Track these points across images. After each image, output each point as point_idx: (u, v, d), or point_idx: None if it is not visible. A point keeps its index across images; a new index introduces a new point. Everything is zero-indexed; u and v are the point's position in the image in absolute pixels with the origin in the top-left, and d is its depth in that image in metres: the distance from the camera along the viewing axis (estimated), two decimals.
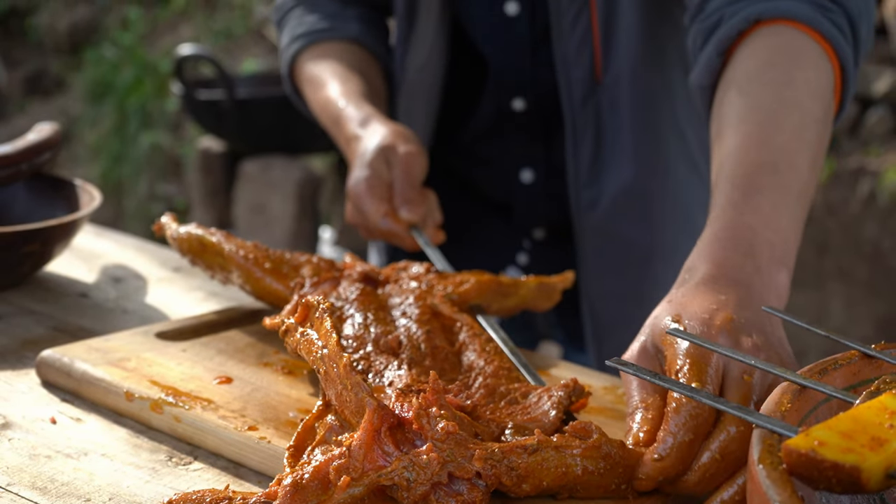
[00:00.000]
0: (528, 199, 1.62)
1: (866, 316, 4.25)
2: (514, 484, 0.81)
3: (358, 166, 1.40)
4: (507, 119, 1.60)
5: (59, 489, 0.89)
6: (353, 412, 0.86)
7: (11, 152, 1.41)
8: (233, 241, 1.20)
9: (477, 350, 1.05)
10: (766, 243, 1.01)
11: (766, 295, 0.98)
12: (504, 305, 1.21)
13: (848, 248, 4.26)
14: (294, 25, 1.65)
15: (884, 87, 4.34)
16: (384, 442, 0.81)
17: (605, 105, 1.50)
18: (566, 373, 1.15)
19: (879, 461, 0.64)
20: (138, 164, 5.72)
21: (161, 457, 0.95)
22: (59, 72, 6.66)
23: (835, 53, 1.18)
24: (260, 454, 0.93)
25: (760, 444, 0.69)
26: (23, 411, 1.02)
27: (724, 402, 0.77)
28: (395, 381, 0.95)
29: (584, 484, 0.83)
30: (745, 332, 0.91)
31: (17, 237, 1.26)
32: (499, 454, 0.81)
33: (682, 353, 0.88)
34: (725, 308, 0.92)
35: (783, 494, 0.63)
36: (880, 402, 0.70)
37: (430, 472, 0.79)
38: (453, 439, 0.81)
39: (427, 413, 0.82)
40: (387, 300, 1.14)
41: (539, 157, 1.60)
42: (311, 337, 0.93)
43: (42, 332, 1.22)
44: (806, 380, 0.77)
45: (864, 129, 4.37)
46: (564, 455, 0.82)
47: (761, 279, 0.98)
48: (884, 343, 0.84)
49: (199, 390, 1.02)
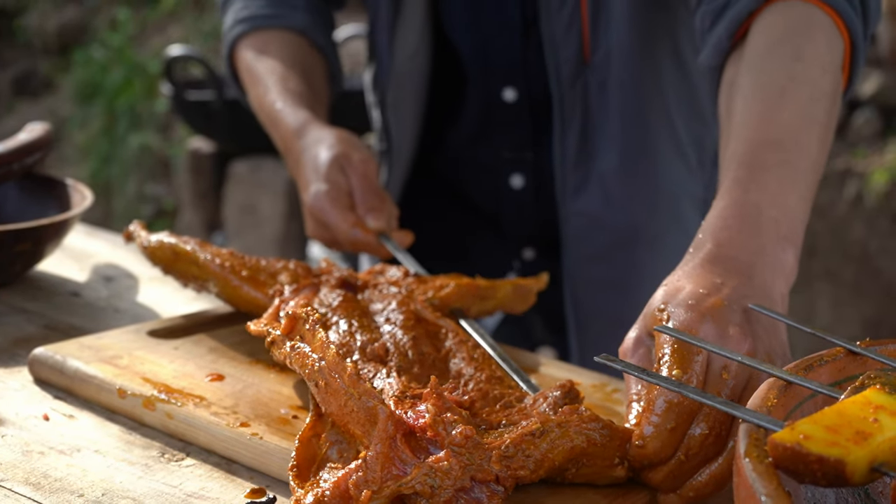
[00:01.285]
0: (517, 207, 1.60)
1: (853, 316, 4.26)
2: (531, 473, 0.82)
3: (313, 180, 1.37)
4: (497, 114, 1.57)
5: (53, 485, 0.89)
6: (359, 423, 0.84)
7: (3, 152, 1.41)
8: (207, 248, 1.19)
9: (465, 357, 1.04)
10: (772, 221, 1.00)
11: (771, 275, 0.97)
12: (483, 308, 1.21)
13: (835, 249, 4.28)
14: (238, 8, 1.60)
15: (871, 89, 4.36)
16: (400, 450, 0.81)
17: (594, 86, 1.48)
18: (555, 371, 1.16)
19: (864, 455, 0.65)
20: (127, 165, 5.72)
21: (153, 453, 0.96)
22: (48, 72, 6.65)
23: (845, 27, 1.18)
24: (252, 450, 0.93)
25: (747, 437, 0.69)
26: (16, 408, 1.03)
27: (711, 396, 0.78)
28: (385, 388, 0.95)
29: (590, 455, 0.85)
30: (733, 320, 0.91)
31: (9, 236, 1.27)
32: (513, 449, 0.82)
33: (667, 346, 0.89)
34: (717, 293, 0.92)
35: (769, 487, 0.64)
36: (864, 397, 0.71)
37: (454, 477, 0.80)
38: (471, 443, 0.81)
39: (442, 420, 0.82)
40: (368, 306, 1.14)
41: (528, 160, 1.58)
42: (304, 350, 0.91)
43: (34, 330, 1.22)
44: (792, 375, 0.78)
45: (852, 131, 4.39)
46: (568, 429, 0.84)
47: (765, 259, 0.98)
48: (868, 340, 0.85)
49: (191, 387, 1.03)
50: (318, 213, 1.35)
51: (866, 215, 4.22)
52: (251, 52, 1.54)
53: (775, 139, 1.07)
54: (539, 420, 0.84)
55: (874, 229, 4.22)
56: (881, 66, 4.43)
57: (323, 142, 1.39)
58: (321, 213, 1.35)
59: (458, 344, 1.07)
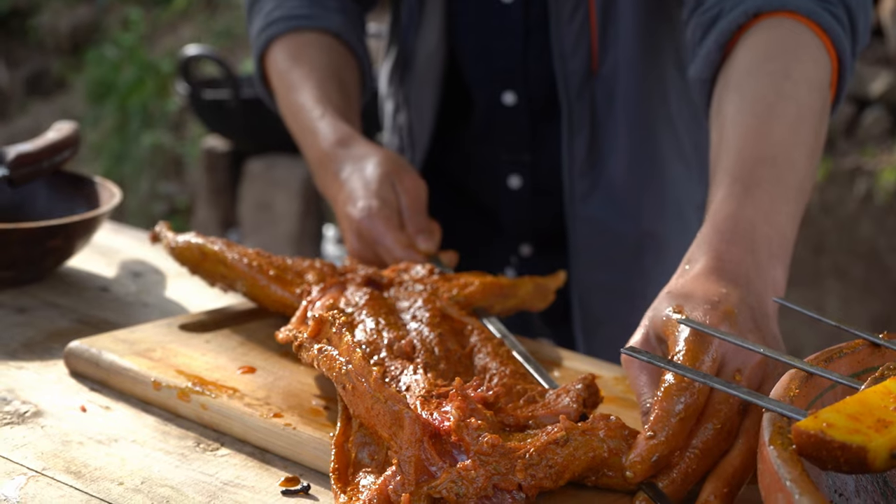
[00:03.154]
0: (515, 206, 1.62)
1: (862, 314, 4.28)
2: (553, 483, 0.84)
3: (362, 196, 1.32)
4: (498, 116, 1.58)
5: (93, 473, 0.92)
6: (385, 426, 0.86)
7: (32, 150, 1.44)
8: (235, 248, 1.21)
9: (490, 353, 1.06)
10: (765, 238, 1.02)
11: (764, 291, 0.99)
12: (505, 306, 1.23)
13: (844, 247, 4.29)
14: (271, 9, 1.55)
15: (880, 88, 4.37)
16: (428, 452, 0.84)
17: (601, 97, 1.50)
18: (576, 364, 1.18)
19: (884, 442, 0.68)
20: (140, 163, 5.74)
21: (189, 443, 0.98)
22: (61, 72, 6.68)
23: (833, 46, 1.19)
24: (285, 440, 0.96)
25: (771, 426, 0.72)
26: (53, 400, 1.05)
27: (736, 387, 0.80)
28: (412, 385, 0.96)
29: (610, 466, 0.86)
30: (745, 327, 0.93)
31: (42, 232, 1.29)
32: (536, 457, 0.83)
33: (682, 340, 0.90)
34: (727, 301, 0.94)
35: (793, 473, 0.66)
36: (885, 387, 0.73)
37: (479, 485, 0.81)
38: (497, 451, 0.83)
39: (467, 425, 0.84)
40: (394, 304, 1.15)
41: (526, 162, 1.59)
42: (331, 353, 0.93)
43: (67, 324, 1.25)
44: (813, 367, 0.80)
45: (861, 130, 4.40)
46: (592, 439, 0.85)
47: (759, 275, 1.00)
48: (886, 333, 0.87)
49: (224, 379, 1.05)
50: (367, 230, 1.31)
51: (875, 213, 4.24)
52: (286, 55, 1.51)
53: (768, 156, 1.09)
54: (564, 427, 0.86)
55: (883, 227, 4.23)
56: (890, 66, 4.44)
57: (370, 158, 1.37)
58: (371, 231, 1.30)
59: (482, 341, 1.08)
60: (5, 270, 1.31)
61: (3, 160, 1.41)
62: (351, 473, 0.88)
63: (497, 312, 1.22)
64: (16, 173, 1.41)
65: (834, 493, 0.76)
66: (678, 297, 0.96)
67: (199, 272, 1.23)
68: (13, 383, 1.08)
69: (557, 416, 0.91)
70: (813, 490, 0.64)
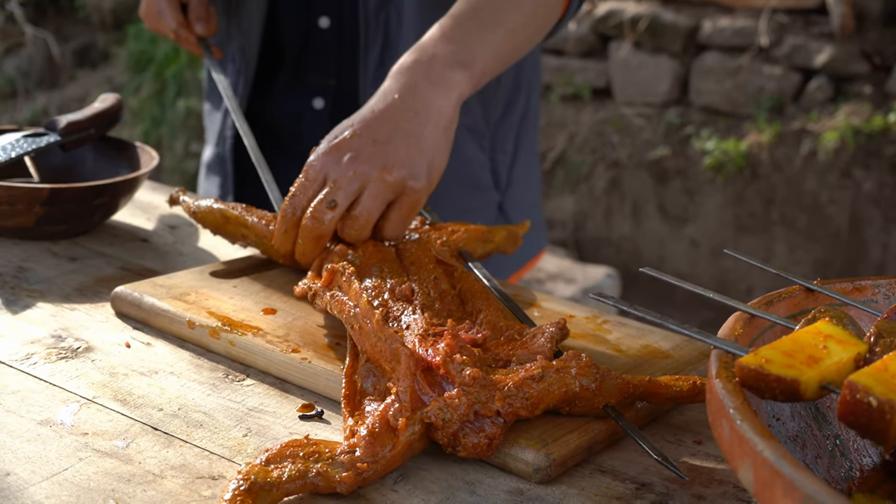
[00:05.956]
0: (316, 125, 1.62)
1: (806, 258, 4.29)
2: (529, 412, 0.85)
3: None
4: (312, 41, 1.59)
5: (137, 401, 0.93)
6: (387, 360, 0.89)
7: (81, 118, 1.43)
8: (253, 212, 1.21)
9: (477, 293, 1.07)
10: (446, 53, 1.12)
11: (432, 91, 1.10)
12: (484, 250, 1.24)
13: (791, 200, 4.30)
14: None
15: (823, 59, 4.35)
16: (420, 384, 0.85)
17: (394, 16, 1.51)
18: (555, 306, 1.19)
19: (814, 375, 0.69)
20: (175, 126, 5.72)
21: (219, 374, 1.00)
22: (105, 45, 6.63)
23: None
24: (302, 372, 0.97)
25: (717, 361, 0.73)
26: (102, 337, 1.06)
27: (687, 327, 0.81)
28: (411, 324, 0.97)
29: (581, 399, 0.87)
30: (352, 148, 1.07)
31: (90, 191, 1.30)
32: (514, 390, 0.84)
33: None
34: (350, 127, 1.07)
35: (736, 402, 0.67)
36: (816, 328, 0.74)
37: (461, 412, 0.83)
38: (479, 383, 0.84)
39: (452, 359, 0.85)
40: (394, 252, 1.16)
41: (331, 86, 1.61)
42: (342, 298, 0.97)
43: (112, 271, 1.26)
44: (755, 309, 0.81)
45: (806, 97, 4.39)
46: (564, 376, 0.86)
47: (429, 77, 1.10)
48: (820, 280, 0.88)
49: (248, 319, 1.06)
50: (154, 3, 1.50)
51: (818, 170, 4.24)
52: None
53: (473, 9, 1.19)
54: (540, 365, 0.86)
55: (825, 182, 4.24)
56: (832, 40, 4.42)
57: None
58: (158, 4, 1.50)
59: (469, 282, 1.10)
60: (59, 225, 1.32)
61: (55, 128, 1.41)
62: (358, 401, 0.89)
63: (479, 257, 1.23)
64: (67, 139, 1.41)
65: (772, 418, 0.78)
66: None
67: (221, 233, 1.23)
68: (67, 323, 1.09)
69: (535, 354, 0.92)
70: (753, 416, 0.65)
